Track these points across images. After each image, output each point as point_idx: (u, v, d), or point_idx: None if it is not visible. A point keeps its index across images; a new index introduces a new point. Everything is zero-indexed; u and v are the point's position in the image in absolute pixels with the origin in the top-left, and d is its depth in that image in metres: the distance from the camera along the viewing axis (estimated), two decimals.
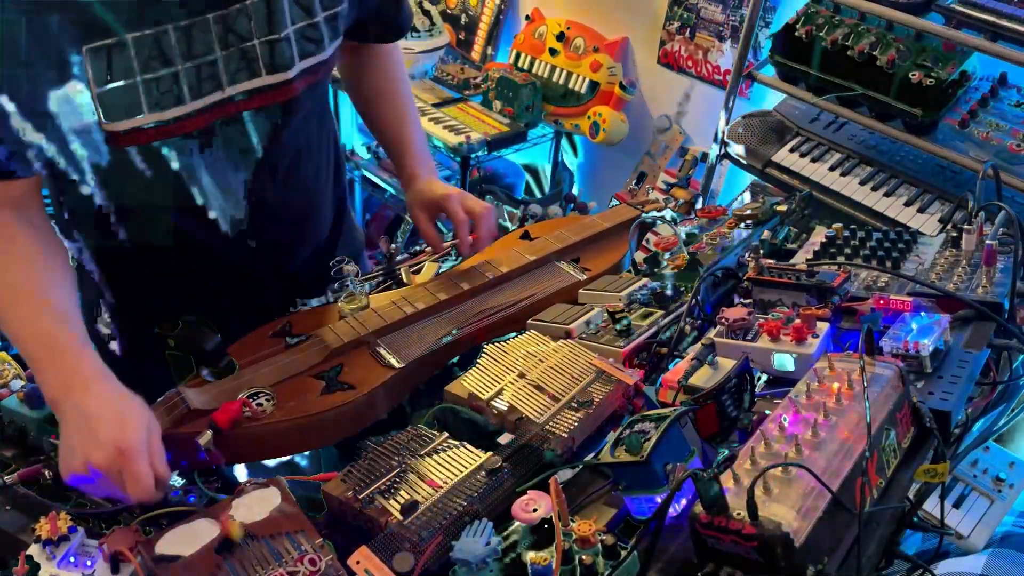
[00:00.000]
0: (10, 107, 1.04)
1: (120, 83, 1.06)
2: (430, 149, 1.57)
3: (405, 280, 1.41)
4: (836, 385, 0.94)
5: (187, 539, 0.90)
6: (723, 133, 2.51)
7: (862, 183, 2.23)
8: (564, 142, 3.45)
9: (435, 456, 1.02)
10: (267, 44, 1.13)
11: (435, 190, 1.42)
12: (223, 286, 1.33)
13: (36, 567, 0.88)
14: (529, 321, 1.28)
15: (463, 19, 3.61)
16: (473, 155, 2.97)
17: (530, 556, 0.84)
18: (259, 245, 1.31)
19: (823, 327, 1.10)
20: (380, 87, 1.50)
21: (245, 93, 1.15)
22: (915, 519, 0.94)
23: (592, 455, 1.01)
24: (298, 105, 1.22)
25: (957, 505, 2.06)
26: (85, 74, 1.04)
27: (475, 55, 3.59)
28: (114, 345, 1.41)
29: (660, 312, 1.26)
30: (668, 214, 1.59)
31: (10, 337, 1.06)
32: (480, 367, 1.15)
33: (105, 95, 1.06)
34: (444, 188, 1.42)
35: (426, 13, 3.38)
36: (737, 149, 2.47)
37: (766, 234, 1.46)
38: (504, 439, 1.04)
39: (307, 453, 1.32)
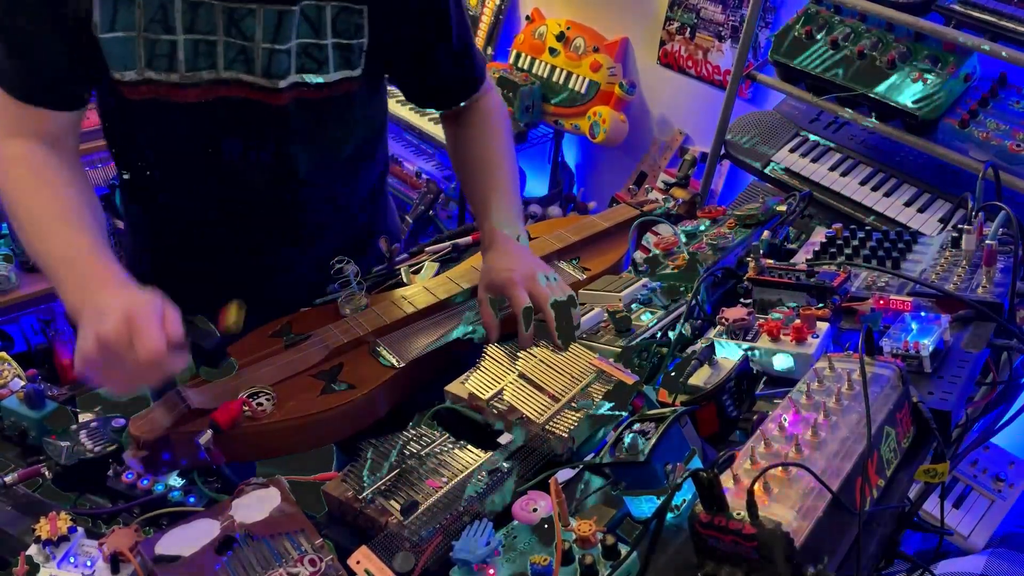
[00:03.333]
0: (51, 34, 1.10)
1: (120, 34, 1.11)
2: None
3: (405, 280, 1.41)
4: (836, 385, 0.94)
5: (187, 539, 0.90)
6: (723, 133, 2.51)
7: (862, 183, 2.23)
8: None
9: (435, 456, 1.02)
10: (267, 51, 1.15)
11: (501, 268, 1.24)
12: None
13: (36, 567, 0.88)
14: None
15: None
16: None
17: (530, 556, 0.84)
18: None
19: (823, 327, 1.10)
20: (469, 153, 1.42)
21: (238, 83, 1.17)
22: (915, 519, 0.94)
23: (592, 455, 1.01)
24: (287, 116, 1.21)
25: (957, 505, 2.06)
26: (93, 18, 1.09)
27: None
28: None
29: (660, 312, 1.26)
30: (659, 197, 1.58)
31: (34, 257, 1.11)
32: (480, 367, 1.15)
33: (107, 42, 1.11)
34: (511, 266, 1.23)
35: None
36: (737, 149, 2.47)
37: (766, 234, 1.46)
38: (504, 439, 1.04)
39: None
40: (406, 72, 1.36)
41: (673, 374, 1.08)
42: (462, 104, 1.42)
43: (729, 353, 1.11)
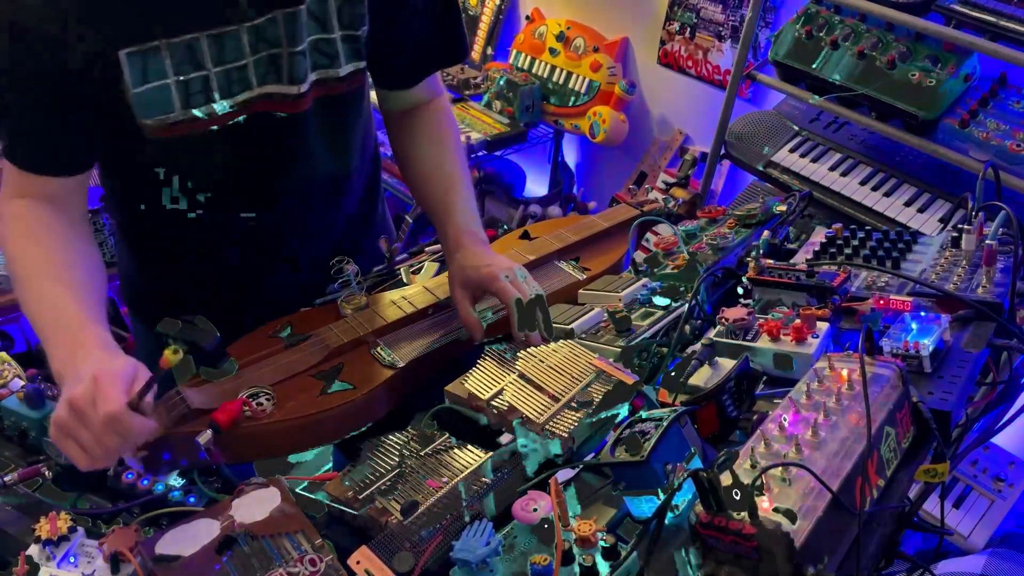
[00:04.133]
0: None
1: (153, 84, 1.11)
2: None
3: (405, 280, 1.41)
4: (836, 385, 0.94)
5: (187, 539, 0.90)
6: (723, 133, 2.51)
7: (862, 183, 2.23)
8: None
9: (435, 456, 1.02)
10: (290, 55, 1.16)
11: (477, 264, 1.22)
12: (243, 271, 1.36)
13: (36, 567, 0.88)
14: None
15: (463, 19, 3.61)
16: (473, 155, 2.97)
17: (530, 556, 0.84)
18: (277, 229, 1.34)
19: (823, 327, 1.10)
20: (425, 151, 1.39)
21: (267, 96, 1.18)
22: (915, 519, 0.94)
23: (592, 455, 1.01)
24: (306, 119, 1.23)
25: (957, 505, 2.06)
26: (122, 75, 1.09)
27: (475, 55, 3.59)
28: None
29: (660, 312, 1.26)
30: (660, 197, 1.58)
31: (27, 316, 1.09)
32: (480, 367, 1.15)
33: (140, 95, 1.11)
34: (487, 262, 1.22)
35: None
36: (737, 149, 2.47)
37: (766, 234, 1.46)
38: (504, 439, 1.04)
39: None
40: (386, 41, 1.33)
41: (673, 374, 1.08)
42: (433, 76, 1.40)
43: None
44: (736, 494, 0.74)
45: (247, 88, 1.16)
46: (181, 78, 1.12)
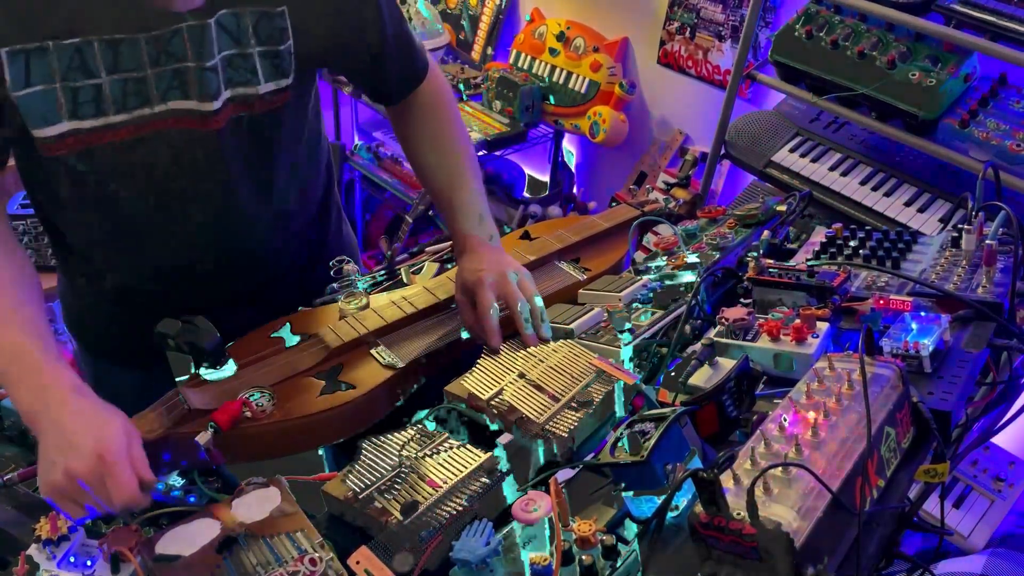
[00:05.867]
0: None
1: (38, 87, 1.04)
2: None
3: (405, 280, 1.41)
4: (836, 385, 0.94)
5: (187, 539, 0.90)
6: (723, 133, 2.51)
7: (862, 183, 2.23)
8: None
9: (435, 456, 1.02)
10: (199, 70, 1.10)
11: (472, 268, 1.23)
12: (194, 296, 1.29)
13: (36, 567, 0.88)
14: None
15: (463, 19, 3.61)
16: None
17: (530, 556, 0.84)
18: (216, 268, 1.28)
19: (823, 327, 1.10)
20: (424, 153, 1.37)
21: (173, 112, 1.11)
22: (915, 519, 0.94)
23: (592, 455, 1.01)
24: (223, 140, 1.16)
25: (957, 505, 2.06)
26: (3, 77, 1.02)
27: (475, 55, 3.59)
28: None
29: (660, 312, 1.26)
30: (660, 197, 1.57)
31: None
32: (480, 367, 1.15)
33: (24, 99, 1.04)
34: (480, 267, 1.23)
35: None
36: (737, 149, 2.47)
37: (766, 234, 1.46)
38: (504, 439, 1.04)
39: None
40: (351, 72, 1.33)
41: (673, 374, 1.08)
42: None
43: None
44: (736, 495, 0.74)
45: (145, 103, 1.09)
46: (69, 84, 1.04)
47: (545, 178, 3.54)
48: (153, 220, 1.20)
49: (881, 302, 1.14)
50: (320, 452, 1.15)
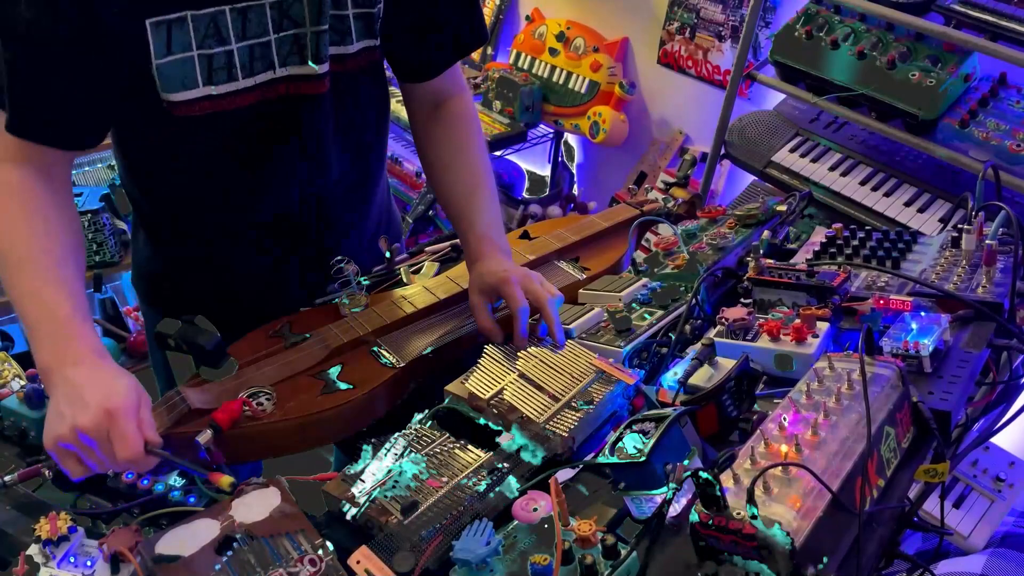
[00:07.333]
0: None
1: (178, 56, 1.09)
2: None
3: (405, 280, 1.41)
4: (836, 385, 0.94)
5: (187, 539, 0.90)
6: (723, 133, 2.51)
7: (862, 183, 2.23)
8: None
9: (435, 456, 1.02)
10: (315, 35, 1.15)
11: (495, 270, 1.24)
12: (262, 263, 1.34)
13: (36, 567, 0.88)
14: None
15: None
16: None
17: (530, 556, 0.84)
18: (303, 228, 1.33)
19: (823, 327, 1.10)
20: (448, 157, 1.38)
21: (291, 77, 1.17)
22: (915, 519, 0.94)
23: (592, 455, 1.01)
24: (325, 100, 1.21)
25: (957, 505, 2.06)
26: (147, 46, 1.07)
27: (475, 55, 3.59)
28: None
29: (660, 312, 1.26)
30: (659, 197, 1.57)
31: (11, 300, 1.06)
32: (480, 367, 1.15)
33: (164, 67, 1.09)
34: (504, 267, 1.24)
35: None
36: (737, 149, 2.47)
37: (766, 234, 1.46)
38: (504, 439, 1.04)
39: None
40: (407, 30, 1.32)
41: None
42: (451, 68, 1.39)
43: None
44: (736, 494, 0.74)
45: (270, 67, 1.15)
46: (205, 52, 1.10)
47: (545, 178, 3.54)
48: (257, 178, 1.25)
49: (881, 302, 1.14)
50: (331, 458, 1.15)
